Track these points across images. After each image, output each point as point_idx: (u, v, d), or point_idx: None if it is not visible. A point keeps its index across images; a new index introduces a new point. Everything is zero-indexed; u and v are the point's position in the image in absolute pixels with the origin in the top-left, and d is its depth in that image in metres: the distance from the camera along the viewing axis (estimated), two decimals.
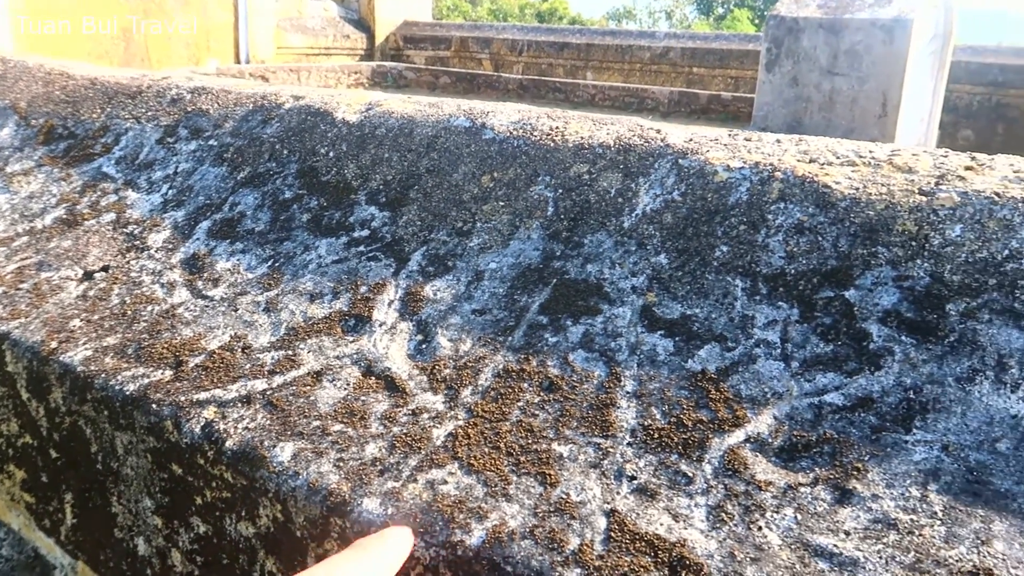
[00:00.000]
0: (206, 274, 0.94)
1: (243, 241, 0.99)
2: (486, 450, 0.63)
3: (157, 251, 1.01)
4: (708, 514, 0.55)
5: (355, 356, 0.76)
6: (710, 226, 0.78)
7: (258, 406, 0.71)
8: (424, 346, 0.76)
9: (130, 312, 0.89)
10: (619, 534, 0.54)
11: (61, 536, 0.91)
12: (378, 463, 0.63)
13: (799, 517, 0.54)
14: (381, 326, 0.80)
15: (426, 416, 0.67)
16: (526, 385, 0.69)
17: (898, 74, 4.10)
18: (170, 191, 1.12)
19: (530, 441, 0.63)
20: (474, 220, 0.90)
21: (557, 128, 0.96)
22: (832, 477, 0.56)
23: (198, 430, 0.70)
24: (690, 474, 0.58)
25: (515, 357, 0.72)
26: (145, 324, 0.86)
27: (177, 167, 1.16)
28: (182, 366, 0.78)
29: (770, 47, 4.39)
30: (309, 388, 0.73)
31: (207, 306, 0.88)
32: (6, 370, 0.88)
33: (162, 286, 0.93)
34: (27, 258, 1.02)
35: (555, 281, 0.79)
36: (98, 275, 0.98)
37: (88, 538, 0.87)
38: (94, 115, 1.33)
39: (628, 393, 0.66)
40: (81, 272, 0.98)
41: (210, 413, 0.71)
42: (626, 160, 0.88)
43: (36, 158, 1.26)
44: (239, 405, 0.72)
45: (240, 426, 0.69)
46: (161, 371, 0.78)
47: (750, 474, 0.57)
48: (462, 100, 1.11)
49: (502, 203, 0.90)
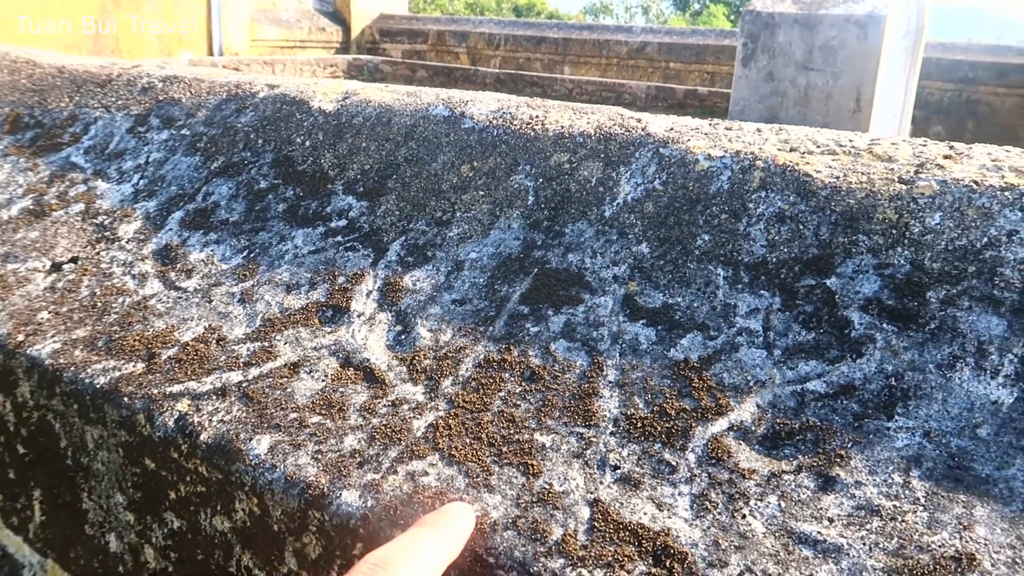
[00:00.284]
0: (179, 265, 0.92)
1: (217, 232, 0.97)
2: (467, 441, 0.62)
3: (128, 242, 0.98)
4: (692, 503, 0.55)
5: (333, 347, 0.75)
6: (691, 215, 0.78)
7: (233, 398, 0.70)
8: (403, 337, 0.75)
9: (100, 304, 0.87)
10: (602, 524, 0.54)
11: (29, 534, 0.88)
12: (357, 455, 0.62)
13: (783, 505, 0.54)
14: (359, 317, 0.78)
15: (406, 407, 0.66)
16: (507, 375, 0.68)
17: (871, 70, 4.15)
18: (141, 181, 1.09)
19: (512, 431, 0.62)
20: (453, 210, 0.89)
21: (537, 117, 0.95)
22: (815, 464, 0.56)
23: (171, 423, 0.69)
24: (673, 463, 0.58)
25: (496, 347, 0.71)
26: (116, 316, 0.84)
27: (148, 157, 1.13)
28: (154, 358, 0.76)
29: (746, 42, 4.41)
30: (286, 380, 0.71)
31: (180, 297, 0.86)
32: None
33: (133, 277, 0.91)
34: None
35: (536, 271, 0.79)
36: (67, 267, 0.95)
37: (58, 535, 0.85)
38: (62, 104, 1.29)
39: (610, 383, 0.66)
40: (49, 264, 0.96)
41: (184, 406, 0.70)
42: (607, 149, 0.87)
43: (1, 148, 1.23)
44: (214, 398, 0.70)
45: (215, 419, 0.68)
46: (133, 364, 0.76)
47: (733, 462, 0.57)
48: (441, 89, 1.10)
49: (482, 192, 0.89)
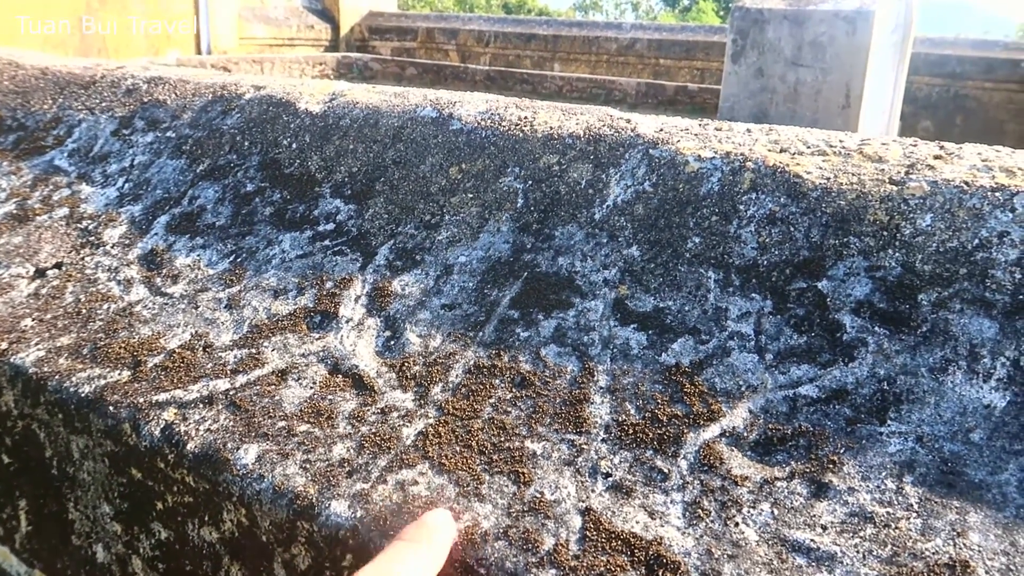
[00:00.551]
0: (165, 270, 0.91)
1: (203, 236, 0.96)
2: (457, 449, 0.61)
3: (113, 247, 0.97)
4: (684, 511, 0.54)
5: (321, 354, 0.74)
6: (682, 217, 0.77)
7: (220, 407, 0.69)
8: (392, 342, 0.74)
9: (85, 311, 0.86)
10: (594, 533, 0.53)
11: (16, 544, 0.87)
12: (346, 464, 0.61)
13: (776, 512, 0.53)
14: (348, 322, 0.78)
15: (395, 415, 0.66)
16: (497, 381, 0.67)
17: (861, 65, 4.15)
18: (126, 185, 1.08)
19: (502, 439, 0.62)
20: (442, 213, 0.88)
21: (526, 118, 0.94)
22: (808, 471, 0.56)
23: (158, 433, 0.68)
24: (665, 470, 0.57)
25: (486, 353, 0.71)
26: (101, 323, 0.83)
27: (133, 160, 1.12)
28: (140, 366, 0.75)
29: (736, 38, 4.41)
30: (274, 387, 0.71)
31: (166, 304, 0.85)
32: None
33: (118, 283, 0.90)
34: None
35: (526, 274, 0.78)
36: (51, 272, 0.94)
37: (44, 546, 0.84)
38: (45, 106, 1.28)
39: (601, 388, 0.65)
40: (33, 269, 0.95)
41: (170, 415, 0.69)
42: (596, 151, 0.86)
43: None
44: (200, 406, 0.69)
45: (202, 428, 0.67)
46: (118, 372, 0.75)
47: (726, 469, 0.57)
48: (429, 90, 1.09)
49: (471, 195, 0.88)
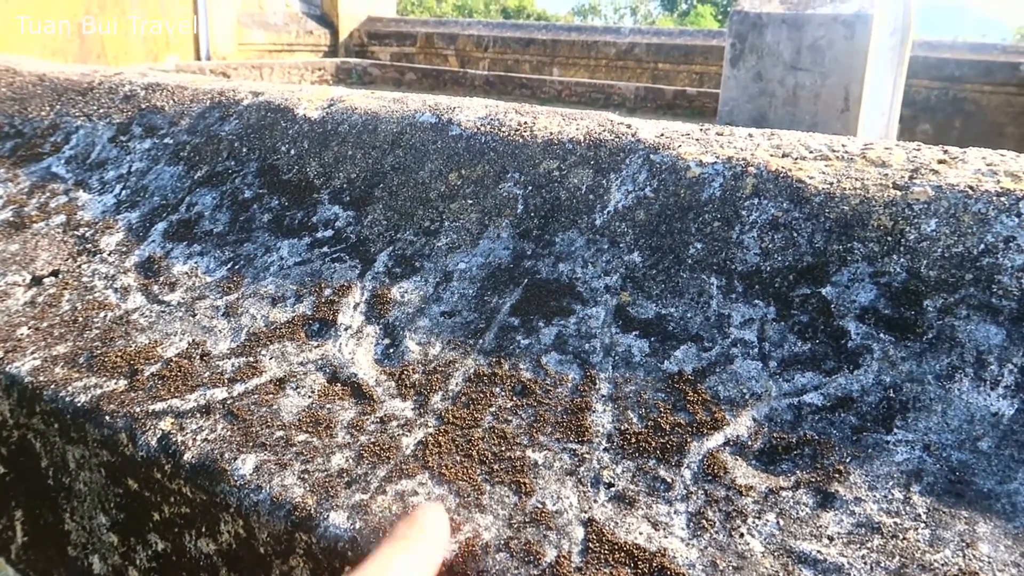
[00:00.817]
0: (162, 278, 0.90)
1: (201, 243, 0.95)
2: (458, 459, 0.60)
3: (110, 254, 0.96)
4: (688, 521, 0.53)
5: (320, 362, 0.73)
6: (684, 223, 0.77)
7: (218, 416, 0.68)
8: (392, 350, 0.74)
9: (81, 319, 0.85)
10: (597, 544, 0.52)
11: (12, 555, 0.86)
12: (345, 474, 0.60)
13: (781, 523, 0.52)
14: (347, 330, 0.77)
15: (395, 424, 0.65)
16: (498, 390, 0.67)
17: (859, 69, 4.15)
18: (124, 192, 1.07)
19: (503, 448, 0.61)
20: (442, 219, 0.87)
21: (526, 124, 0.93)
22: (814, 480, 0.55)
23: (154, 442, 0.67)
24: (669, 480, 0.57)
25: (486, 361, 0.70)
26: (97, 331, 0.82)
27: (131, 166, 1.11)
28: (137, 375, 0.75)
29: (734, 42, 4.41)
30: (272, 396, 0.70)
31: (163, 311, 0.84)
32: None
33: (115, 291, 0.89)
34: None
35: (526, 281, 0.77)
36: (47, 280, 0.93)
37: (40, 557, 0.83)
38: (43, 113, 1.27)
39: (603, 396, 0.64)
40: (29, 277, 0.94)
41: (167, 424, 0.68)
42: (597, 156, 0.86)
43: None
44: (198, 415, 0.68)
45: (199, 438, 0.66)
46: (115, 381, 0.74)
47: (730, 479, 0.56)
48: (428, 96, 1.08)
49: (470, 201, 0.88)
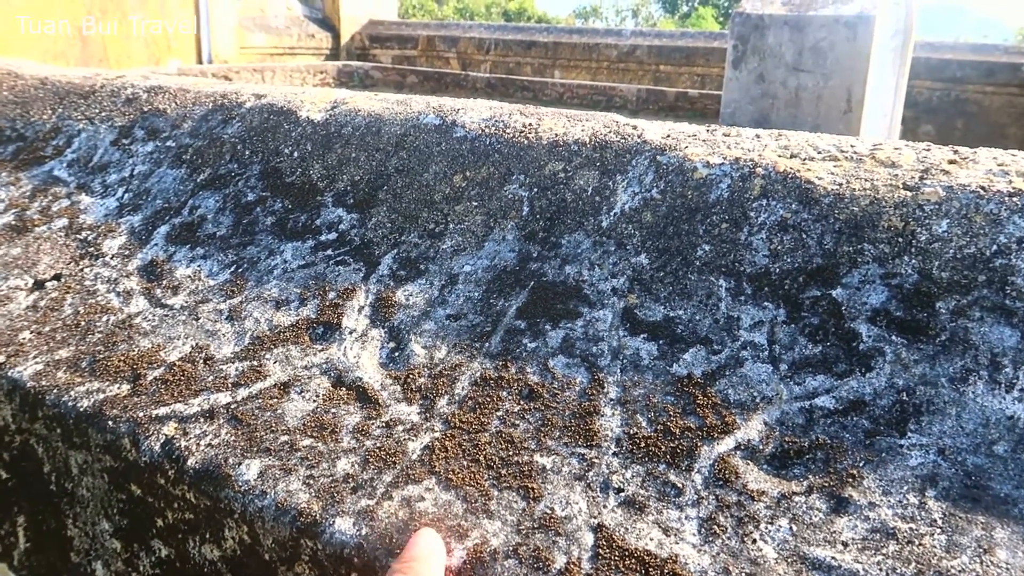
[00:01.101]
0: (165, 281, 0.90)
1: (204, 246, 0.94)
2: (465, 463, 0.60)
3: (112, 258, 0.96)
4: (700, 527, 0.53)
5: (324, 366, 0.73)
6: (691, 224, 0.76)
7: (222, 421, 0.67)
8: (397, 354, 0.73)
9: (84, 323, 0.84)
10: (607, 551, 0.51)
11: (14, 561, 0.86)
12: (351, 480, 0.60)
13: (794, 528, 0.52)
14: (351, 334, 0.76)
15: (400, 428, 0.64)
16: (505, 394, 0.66)
17: (861, 70, 4.15)
18: (126, 195, 1.07)
19: (511, 453, 0.60)
20: (446, 221, 0.87)
21: (530, 125, 0.93)
22: (827, 485, 0.54)
23: (158, 448, 0.66)
24: (679, 485, 0.56)
25: (493, 364, 0.69)
26: (100, 335, 0.82)
27: (133, 170, 1.11)
28: (140, 380, 0.74)
29: (736, 44, 4.41)
30: (276, 401, 0.69)
31: (166, 315, 0.84)
32: None
33: (118, 295, 0.89)
34: None
35: (532, 284, 0.77)
36: (49, 284, 0.92)
37: (43, 563, 0.82)
38: (45, 116, 1.27)
39: (612, 400, 0.63)
40: (31, 281, 0.93)
41: (170, 429, 0.67)
42: (603, 157, 0.85)
43: None
44: (201, 420, 0.68)
45: (203, 443, 0.65)
46: (117, 385, 0.74)
47: (742, 483, 0.55)
48: (431, 97, 1.08)
49: (475, 203, 0.87)
